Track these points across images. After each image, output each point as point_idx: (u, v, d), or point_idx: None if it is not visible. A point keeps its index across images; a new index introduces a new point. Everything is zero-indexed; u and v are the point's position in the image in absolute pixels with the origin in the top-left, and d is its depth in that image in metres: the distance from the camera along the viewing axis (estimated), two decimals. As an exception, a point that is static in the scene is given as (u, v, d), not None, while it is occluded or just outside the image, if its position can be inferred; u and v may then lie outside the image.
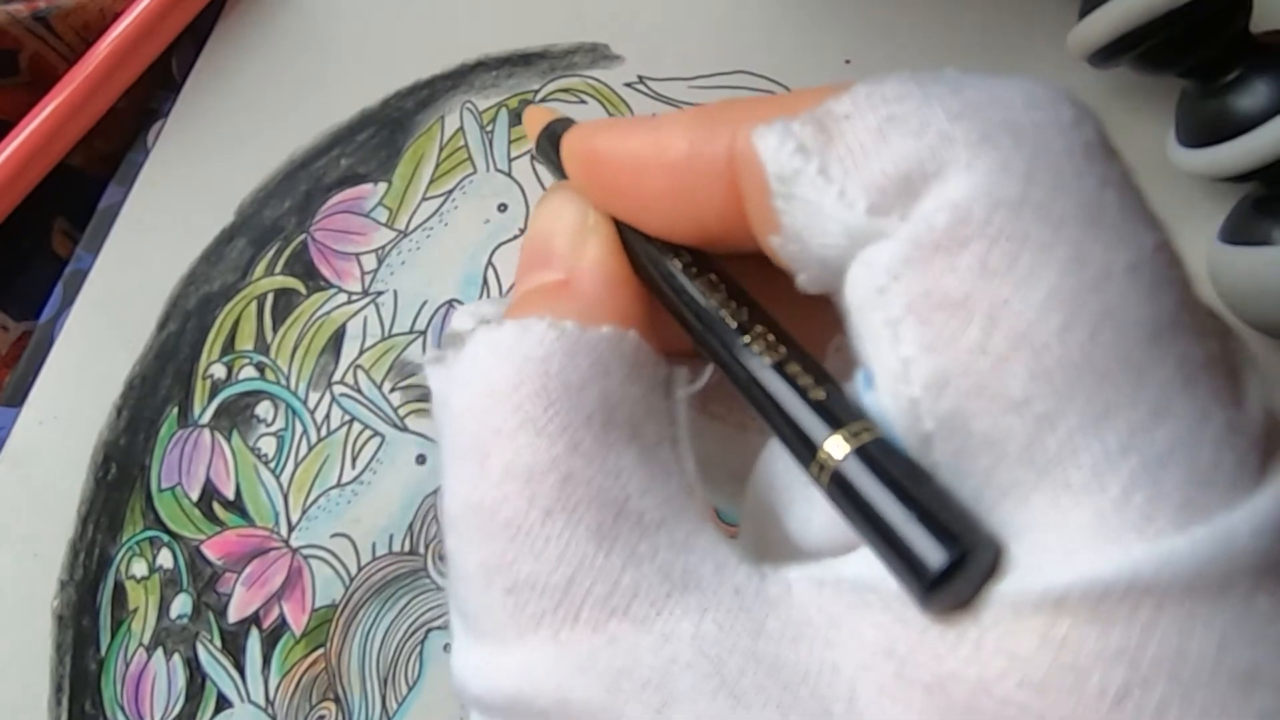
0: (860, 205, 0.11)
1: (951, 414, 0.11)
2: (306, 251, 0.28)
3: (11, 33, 0.28)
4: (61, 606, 0.25)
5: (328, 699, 0.25)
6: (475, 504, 0.13)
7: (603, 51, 0.29)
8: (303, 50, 0.29)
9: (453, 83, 0.29)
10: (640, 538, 0.12)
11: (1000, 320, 0.10)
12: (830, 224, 0.12)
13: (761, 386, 0.13)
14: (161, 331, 0.27)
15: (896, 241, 0.11)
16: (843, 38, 0.29)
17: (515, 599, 0.12)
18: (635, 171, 0.14)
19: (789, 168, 0.12)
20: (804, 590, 0.12)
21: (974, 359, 0.11)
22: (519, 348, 0.13)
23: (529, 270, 0.15)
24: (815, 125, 0.12)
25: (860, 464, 0.11)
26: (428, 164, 0.28)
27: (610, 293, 0.15)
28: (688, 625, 0.12)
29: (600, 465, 0.13)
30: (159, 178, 0.28)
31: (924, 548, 0.10)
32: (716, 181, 0.13)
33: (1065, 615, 0.10)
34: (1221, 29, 0.25)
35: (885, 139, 0.12)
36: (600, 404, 0.13)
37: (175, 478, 0.26)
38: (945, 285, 0.11)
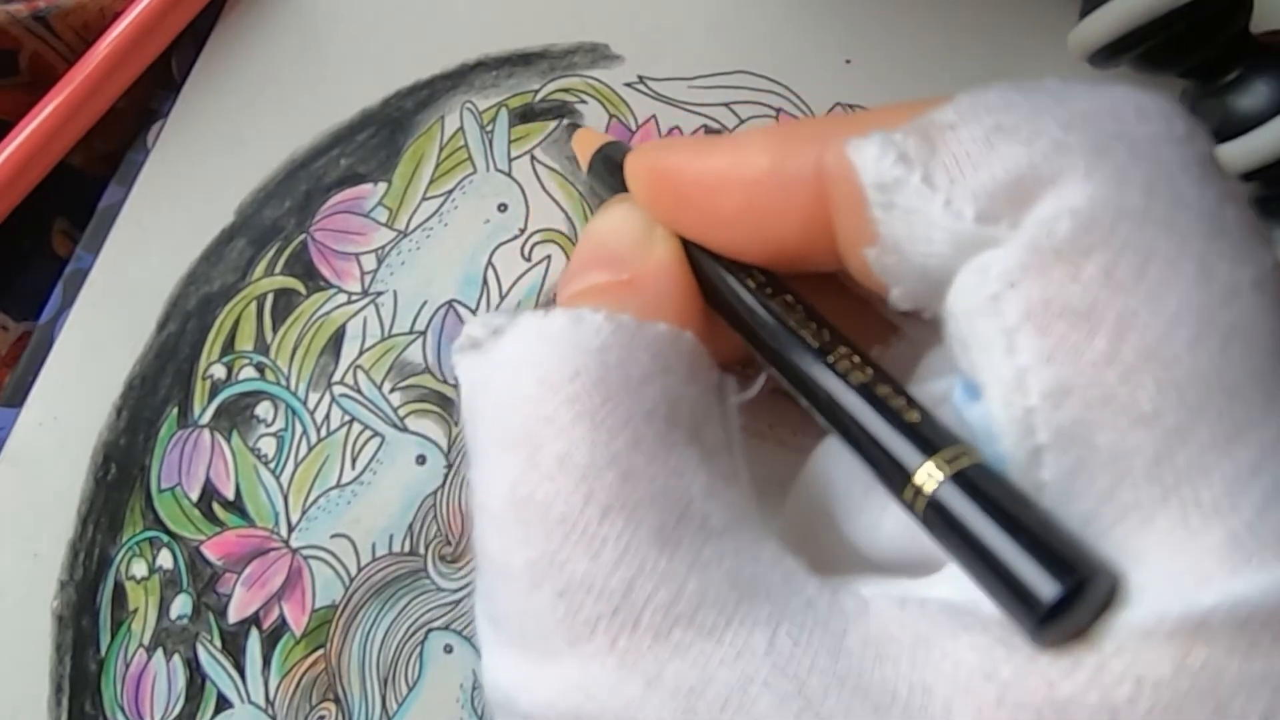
0: (968, 213, 0.11)
1: (1072, 425, 0.10)
2: (306, 251, 0.28)
3: (11, 32, 0.28)
4: (61, 607, 0.25)
5: (328, 699, 0.25)
6: (524, 497, 0.12)
7: (603, 51, 0.29)
8: (303, 50, 0.29)
9: (453, 83, 0.29)
10: (704, 542, 0.12)
11: (1129, 332, 0.10)
12: (935, 232, 0.11)
13: (845, 408, 0.12)
14: (161, 332, 0.27)
15: (1013, 248, 0.11)
16: (843, 38, 0.29)
17: (567, 603, 0.11)
18: (711, 189, 0.14)
19: (890, 177, 0.12)
20: (883, 607, 0.11)
21: (1100, 370, 0.10)
22: (572, 336, 0.13)
23: (582, 271, 0.15)
24: (918, 135, 0.12)
25: (959, 491, 0.11)
26: (428, 164, 0.28)
27: (671, 294, 0.14)
28: (760, 638, 0.11)
29: (663, 464, 0.12)
30: (159, 178, 0.28)
31: (1034, 579, 0.10)
32: (800, 197, 0.13)
33: (1203, 640, 0.09)
34: (1221, 29, 0.25)
35: (993, 147, 0.11)
36: (662, 400, 0.12)
37: (175, 478, 0.26)
38: (1067, 294, 0.10)
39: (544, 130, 0.28)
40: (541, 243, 0.28)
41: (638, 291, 0.14)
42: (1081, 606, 0.10)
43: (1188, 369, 0.10)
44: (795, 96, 0.29)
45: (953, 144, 0.12)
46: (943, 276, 0.12)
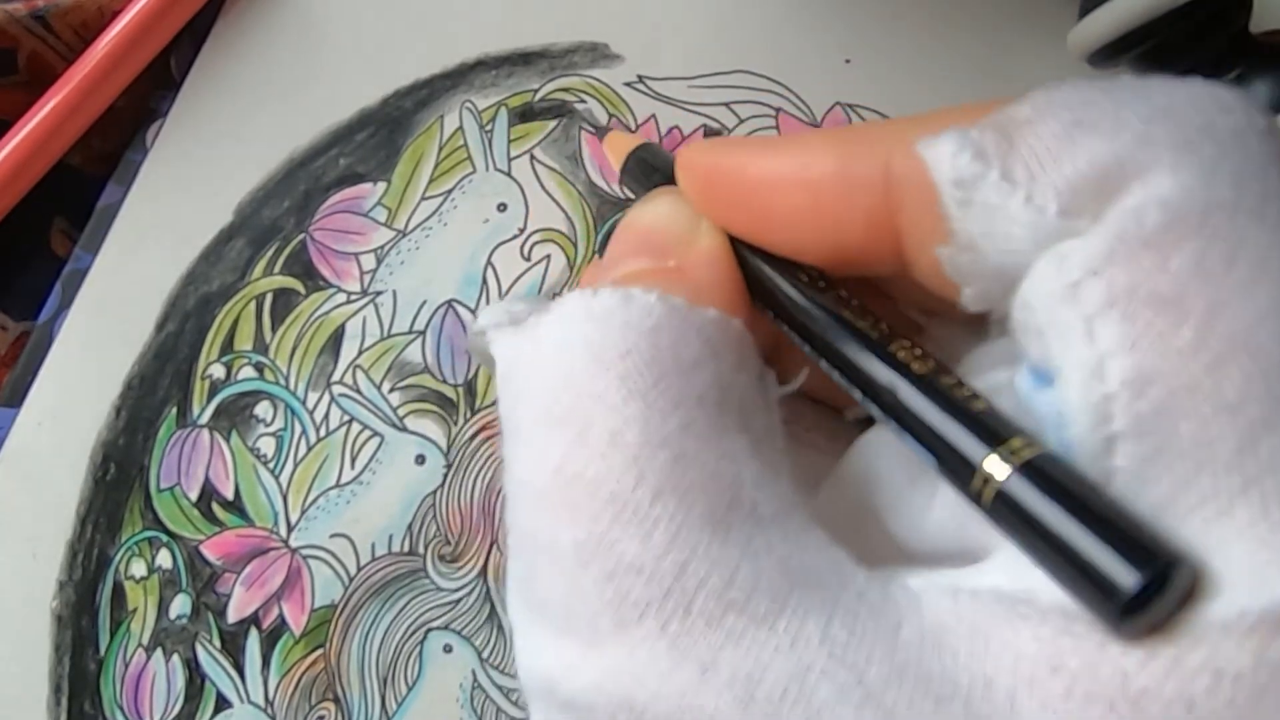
0: (1051, 207, 0.11)
1: (1153, 413, 0.10)
2: (305, 251, 0.28)
3: (10, 31, 0.28)
4: (60, 607, 0.25)
5: (327, 699, 0.25)
6: (573, 475, 0.12)
7: (603, 51, 0.29)
8: (302, 49, 0.29)
9: (452, 82, 0.29)
10: (755, 529, 0.12)
11: (1217, 321, 0.10)
12: (1015, 228, 0.11)
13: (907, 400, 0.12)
14: (160, 331, 0.27)
15: (1098, 236, 0.11)
16: (843, 38, 0.29)
17: (616, 585, 0.11)
18: (773, 189, 0.14)
19: (968, 173, 0.11)
20: (935, 599, 0.11)
21: (1186, 358, 0.10)
22: (624, 315, 0.12)
23: (625, 258, 0.14)
24: (995, 130, 0.12)
25: (1028, 480, 0.11)
26: (427, 163, 0.28)
27: (718, 283, 0.14)
28: (814, 627, 0.11)
29: (715, 448, 0.12)
30: (158, 177, 0.28)
31: (1114, 568, 0.10)
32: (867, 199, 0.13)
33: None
34: (1221, 29, 0.25)
35: (1074, 141, 0.11)
36: (713, 385, 0.12)
37: (174, 478, 0.26)
38: (1155, 282, 0.10)
39: (544, 130, 0.28)
40: (541, 242, 0.28)
41: (684, 279, 0.14)
42: (1164, 597, 0.10)
43: (1276, 360, 0.10)
44: (795, 96, 0.29)
45: (1031, 139, 0.11)
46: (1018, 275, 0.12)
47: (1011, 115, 0.12)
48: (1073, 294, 0.11)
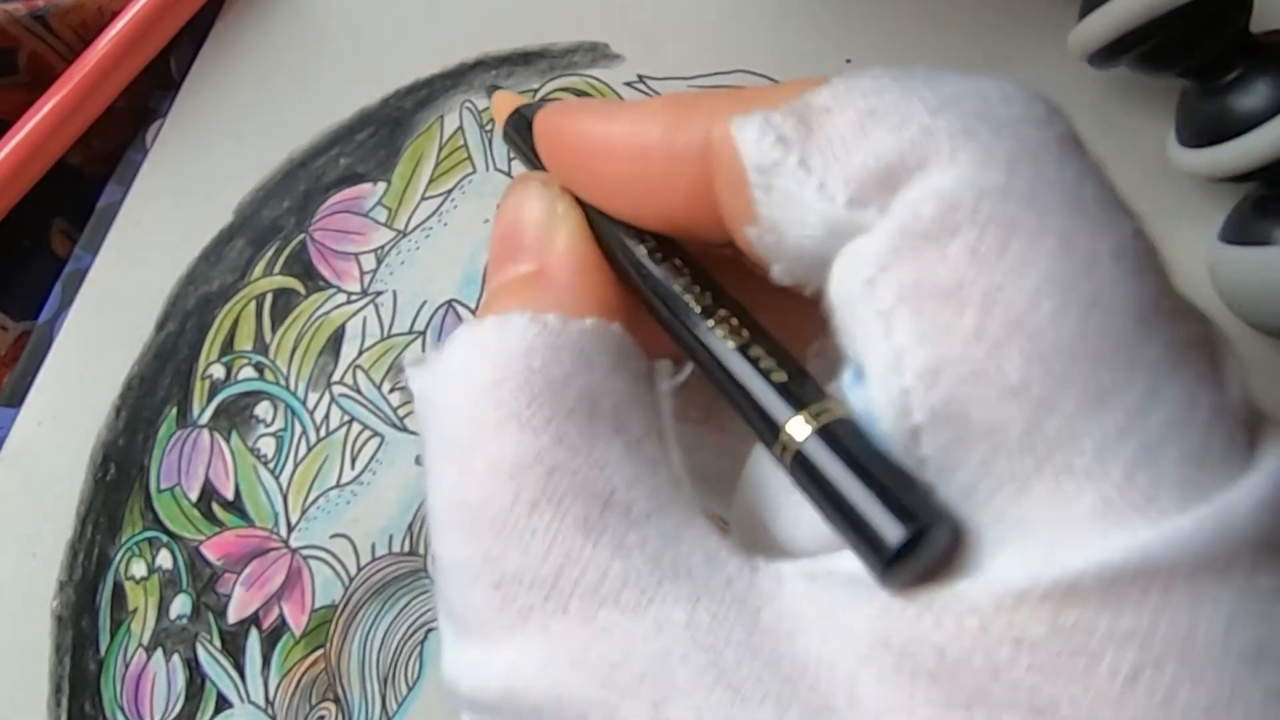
0: (840, 198, 0.12)
1: (946, 403, 0.11)
2: (305, 251, 0.28)
3: (9, 31, 0.28)
4: (61, 607, 0.25)
5: (328, 699, 0.25)
6: (460, 501, 0.13)
7: (603, 51, 0.29)
8: (301, 49, 0.29)
9: (452, 82, 0.29)
10: (628, 528, 0.12)
11: (994, 307, 0.11)
12: (809, 215, 0.12)
13: (726, 370, 0.13)
14: (160, 331, 0.27)
15: (883, 232, 0.11)
16: (843, 38, 0.29)
17: (502, 593, 0.12)
18: (606, 154, 0.14)
19: (769, 159, 0.12)
20: (796, 583, 0.12)
21: (969, 346, 0.11)
22: (499, 343, 0.13)
23: (500, 263, 0.15)
24: (796, 117, 0.12)
25: (821, 444, 0.11)
26: (427, 163, 0.28)
27: (586, 282, 0.14)
28: (680, 614, 0.12)
29: (586, 457, 0.13)
30: (158, 177, 0.28)
31: (883, 524, 0.11)
32: (689, 170, 0.13)
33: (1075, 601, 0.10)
34: (1221, 29, 0.25)
35: (866, 132, 0.12)
36: (584, 397, 0.13)
37: (174, 478, 0.26)
38: (936, 274, 0.11)
39: (543, 130, 0.28)
40: (541, 242, 0.28)
41: (550, 282, 0.14)
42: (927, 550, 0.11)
43: (1052, 340, 0.10)
44: (795, 96, 0.29)
45: (828, 128, 0.12)
46: (818, 257, 0.12)
47: (811, 102, 0.12)
48: (868, 291, 0.11)
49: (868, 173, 0.11)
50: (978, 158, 0.11)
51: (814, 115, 0.12)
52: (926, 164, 0.11)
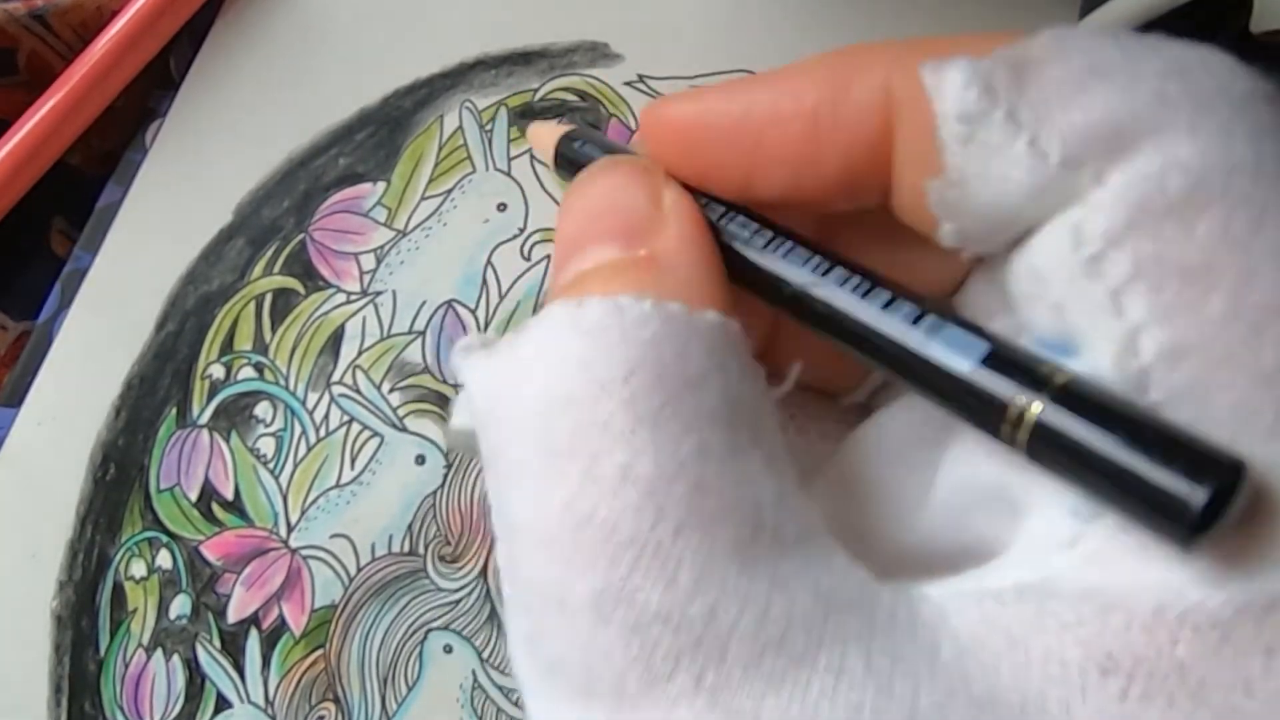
0: (1055, 155, 0.11)
1: (1189, 385, 0.10)
2: (305, 251, 0.27)
3: (9, 31, 0.28)
4: (60, 607, 0.25)
5: (327, 699, 0.25)
6: (583, 516, 0.11)
7: (603, 50, 0.29)
8: (301, 49, 0.29)
9: (452, 81, 0.29)
10: (780, 555, 0.11)
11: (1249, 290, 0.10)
12: (1014, 172, 0.11)
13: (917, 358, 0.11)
14: (160, 331, 0.27)
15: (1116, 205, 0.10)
16: (843, 37, 0.29)
17: (642, 639, 0.10)
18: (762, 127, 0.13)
19: (974, 109, 0.11)
20: (962, 609, 0.11)
21: (1220, 328, 0.10)
22: (618, 329, 0.11)
23: (585, 244, 0.13)
24: (1007, 67, 0.11)
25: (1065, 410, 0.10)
26: (427, 163, 0.28)
27: (701, 273, 0.12)
28: (855, 659, 0.10)
29: (733, 471, 0.11)
30: (157, 177, 0.28)
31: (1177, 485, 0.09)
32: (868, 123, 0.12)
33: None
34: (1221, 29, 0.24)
35: (1087, 89, 0.11)
36: (722, 400, 0.11)
37: (174, 478, 0.26)
38: (1182, 251, 0.10)
39: (543, 129, 0.28)
40: (541, 242, 0.28)
41: (665, 271, 0.12)
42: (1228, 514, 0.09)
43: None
44: (795, 96, 0.29)
45: (1044, 80, 0.11)
46: (1009, 217, 0.11)
47: (1024, 53, 0.11)
48: (1094, 267, 0.10)
49: (1089, 132, 0.11)
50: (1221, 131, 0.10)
51: (1029, 66, 0.11)
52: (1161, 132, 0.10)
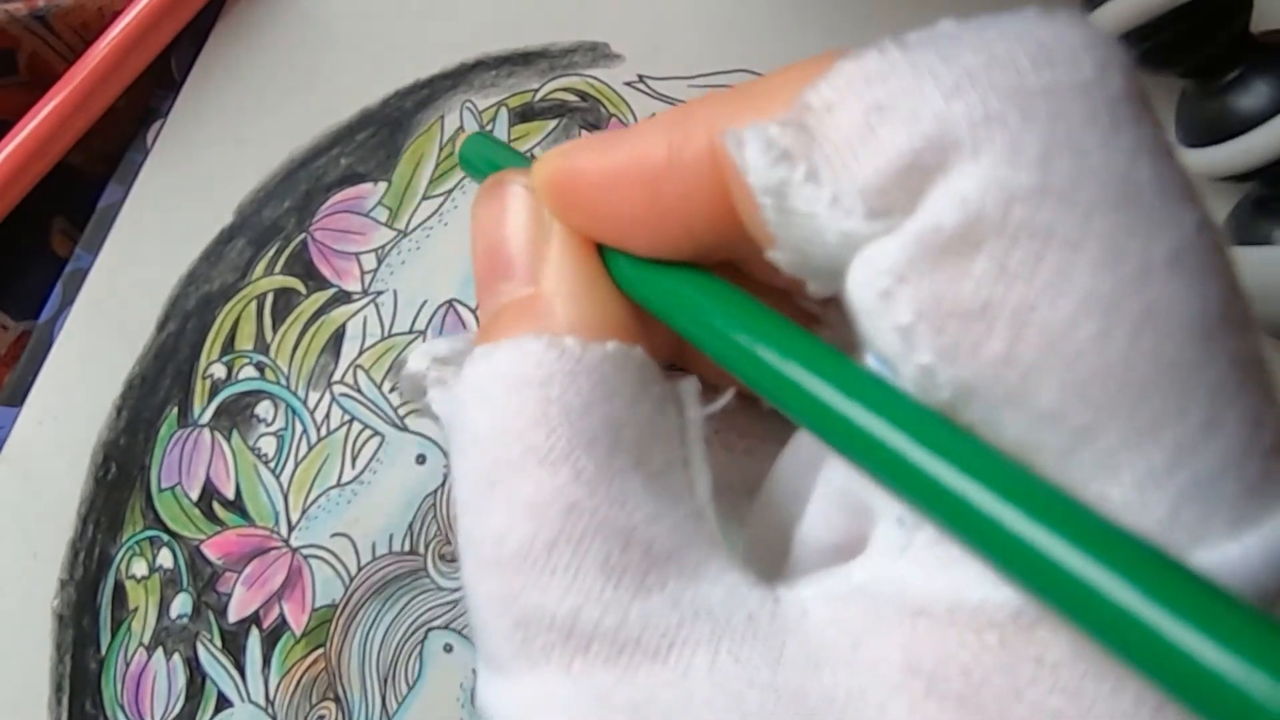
0: (858, 210, 0.10)
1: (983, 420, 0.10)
2: (306, 251, 0.28)
3: (10, 31, 0.28)
4: (61, 606, 0.25)
5: (328, 699, 0.25)
6: (484, 534, 0.13)
7: (603, 50, 0.29)
8: (302, 49, 0.29)
9: (452, 82, 0.29)
10: (649, 568, 0.12)
11: (1026, 329, 0.09)
12: (828, 234, 0.11)
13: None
14: (161, 331, 0.27)
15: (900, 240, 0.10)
16: (844, 37, 0.29)
17: (524, 632, 0.12)
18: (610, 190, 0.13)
19: (775, 179, 0.11)
20: (820, 610, 0.11)
21: (1000, 370, 0.10)
22: (516, 371, 0.13)
23: (490, 282, 0.14)
24: (795, 125, 0.11)
25: None
26: (427, 163, 0.28)
27: (594, 303, 0.13)
28: (702, 658, 0.11)
29: (606, 493, 0.12)
30: (158, 177, 0.28)
31: None
32: (703, 186, 0.12)
33: None
34: (1221, 29, 0.25)
35: (874, 132, 0.10)
36: (605, 427, 0.12)
37: (175, 477, 0.26)
38: (959, 292, 0.10)
39: (544, 129, 0.28)
40: (541, 242, 0.28)
41: (555, 307, 0.13)
42: None
43: (1093, 366, 0.09)
44: (795, 96, 0.29)
45: (832, 131, 0.11)
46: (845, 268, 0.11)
47: (810, 103, 0.11)
48: (885, 304, 0.10)
49: (884, 179, 0.10)
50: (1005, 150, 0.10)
51: (815, 119, 0.11)
52: (947, 163, 0.10)
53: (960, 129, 0.10)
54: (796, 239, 0.11)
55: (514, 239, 0.14)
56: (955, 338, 0.10)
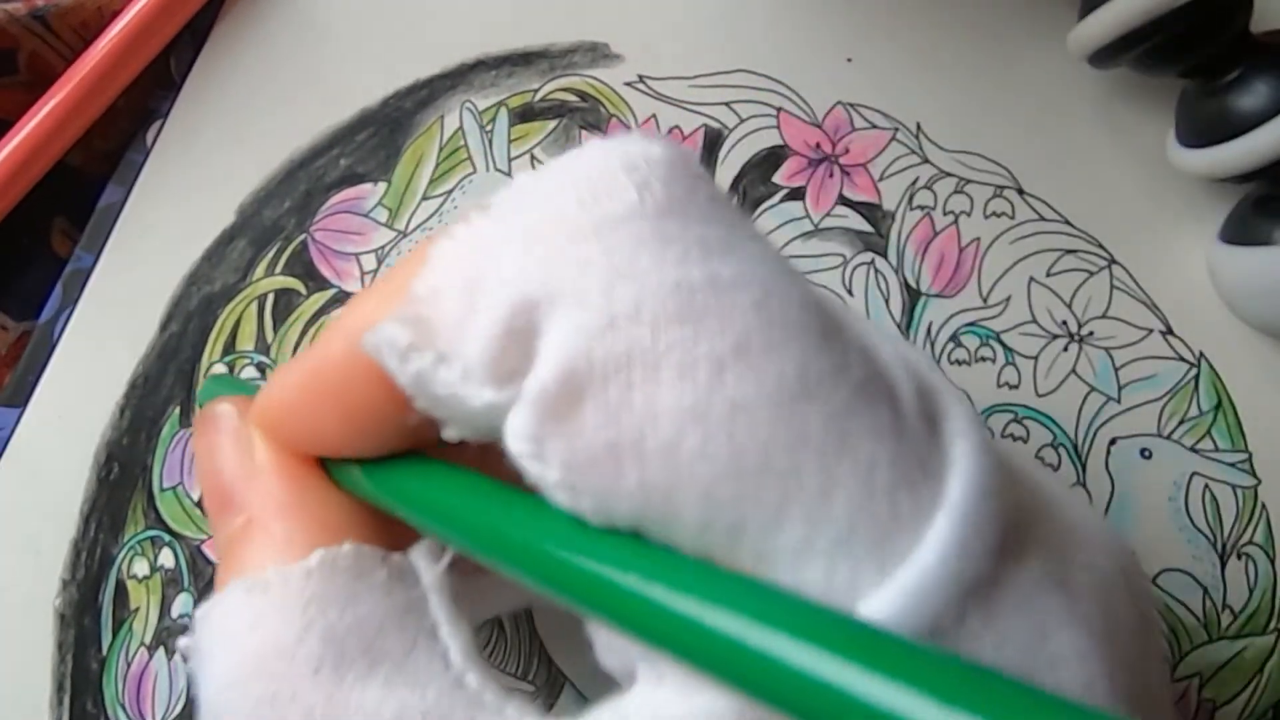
0: (487, 381, 0.11)
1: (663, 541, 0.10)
2: (306, 252, 0.28)
3: (9, 31, 0.28)
4: (63, 605, 0.25)
5: (329, 698, 0.25)
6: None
7: (603, 51, 0.29)
8: (302, 50, 0.29)
9: (452, 82, 0.29)
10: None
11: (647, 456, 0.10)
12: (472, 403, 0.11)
13: None
14: (164, 332, 0.27)
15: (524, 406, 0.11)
16: (844, 36, 0.29)
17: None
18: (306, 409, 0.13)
19: (411, 372, 0.11)
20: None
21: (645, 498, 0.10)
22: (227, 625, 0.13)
23: (215, 516, 0.14)
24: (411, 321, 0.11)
25: None
26: (427, 164, 0.28)
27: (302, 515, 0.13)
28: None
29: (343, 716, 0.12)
30: (159, 177, 0.28)
31: None
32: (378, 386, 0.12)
33: None
34: (1221, 29, 0.25)
35: (474, 307, 0.11)
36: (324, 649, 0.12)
37: (177, 477, 0.26)
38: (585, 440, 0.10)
39: (544, 130, 0.28)
40: (541, 242, 0.28)
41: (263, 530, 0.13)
42: None
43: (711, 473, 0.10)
44: (796, 95, 0.29)
45: (443, 314, 0.11)
46: None
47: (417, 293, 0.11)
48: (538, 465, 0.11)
49: (494, 349, 0.11)
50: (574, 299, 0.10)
51: (425, 307, 0.11)
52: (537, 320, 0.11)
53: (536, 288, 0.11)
54: (453, 416, 0.12)
55: (225, 468, 0.14)
56: (600, 480, 0.10)
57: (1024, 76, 0.29)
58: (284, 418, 0.14)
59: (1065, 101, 0.29)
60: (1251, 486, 0.26)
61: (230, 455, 0.15)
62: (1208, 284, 0.27)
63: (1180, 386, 0.26)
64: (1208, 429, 0.26)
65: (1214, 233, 0.27)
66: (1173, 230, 0.28)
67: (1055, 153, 0.28)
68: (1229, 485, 0.26)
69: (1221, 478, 0.26)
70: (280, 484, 0.14)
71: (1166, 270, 0.27)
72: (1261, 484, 0.26)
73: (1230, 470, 0.26)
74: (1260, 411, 0.26)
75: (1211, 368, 0.27)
